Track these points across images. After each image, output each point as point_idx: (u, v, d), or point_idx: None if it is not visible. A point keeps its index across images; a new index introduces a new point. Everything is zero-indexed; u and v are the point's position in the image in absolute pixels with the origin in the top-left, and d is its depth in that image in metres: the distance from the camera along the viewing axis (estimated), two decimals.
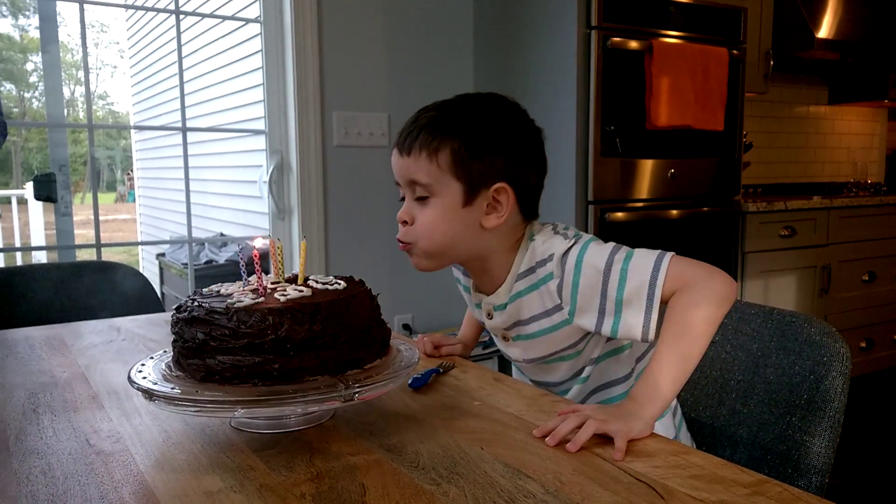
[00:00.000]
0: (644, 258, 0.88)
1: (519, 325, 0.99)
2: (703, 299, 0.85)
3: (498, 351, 2.63)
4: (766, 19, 3.25)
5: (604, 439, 0.75)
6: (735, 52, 2.69)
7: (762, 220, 2.94)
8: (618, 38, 2.41)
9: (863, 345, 3.38)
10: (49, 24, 2.97)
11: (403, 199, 0.97)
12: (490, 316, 1.02)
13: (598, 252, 0.91)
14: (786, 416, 0.95)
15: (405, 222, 0.96)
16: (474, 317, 1.16)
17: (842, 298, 3.27)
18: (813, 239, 3.14)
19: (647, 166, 2.55)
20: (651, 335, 0.87)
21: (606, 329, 0.90)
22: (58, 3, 2.72)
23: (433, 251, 0.95)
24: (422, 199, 0.94)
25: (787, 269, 3.07)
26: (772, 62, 3.27)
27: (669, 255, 0.88)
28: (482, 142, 0.93)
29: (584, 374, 0.99)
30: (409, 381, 0.96)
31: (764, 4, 3.22)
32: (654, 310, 0.87)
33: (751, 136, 3.51)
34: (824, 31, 3.32)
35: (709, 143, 2.69)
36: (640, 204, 2.55)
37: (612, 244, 0.93)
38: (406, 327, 2.78)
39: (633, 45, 2.44)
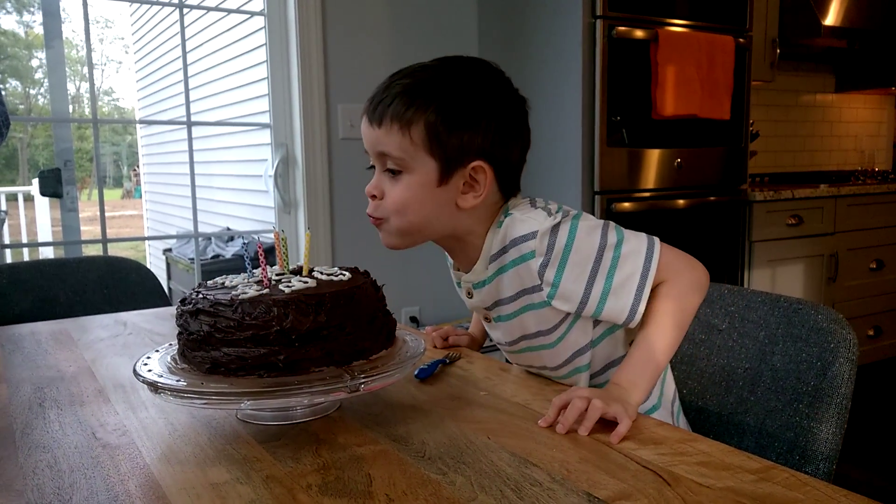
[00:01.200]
0: (635, 244, 0.87)
1: (499, 304, 0.94)
2: (689, 289, 0.87)
3: None
4: (772, 7, 3.23)
5: (607, 426, 0.75)
6: (741, 40, 2.67)
7: (769, 209, 2.93)
8: (623, 28, 2.40)
9: (870, 333, 3.37)
10: (53, 19, 2.97)
11: (372, 167, 0.91)
12: (470, 294, 0.97)
13: (587, 234, 0.86)
14: (793, 403, 0.94)
15: (374, 196, 0.90)
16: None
17: (849, 287, 3.26)
18: (820, 227, 3.13)
19: (654, 156, 2.54)
20: (636, 321, 0.86)
21: (590, 310, 0.87)
22: None
23: (404, 229, 0.89)
24: (393, 173, 0.87)
25: (794, 257, 3.05)
26: (778, 50, 3.25)
27: (657, 242, 0.88)
28: (460, 114, 0.85)
29: (585, 362, 0.98)
30: (416, 372, 0.96)
31: None
32: (643, 298, 0.86)
33: (757, 125, 3.49)
34: (831, 18, 3.29)
35: (715, 132, 2.68)
36: (647, 194, 2.54)
37: (600, 223, 0.88)
38: (413, 320, 2.78)
39: (639, 34, 2.43)
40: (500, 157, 0.88)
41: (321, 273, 0.85)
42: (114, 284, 1.64)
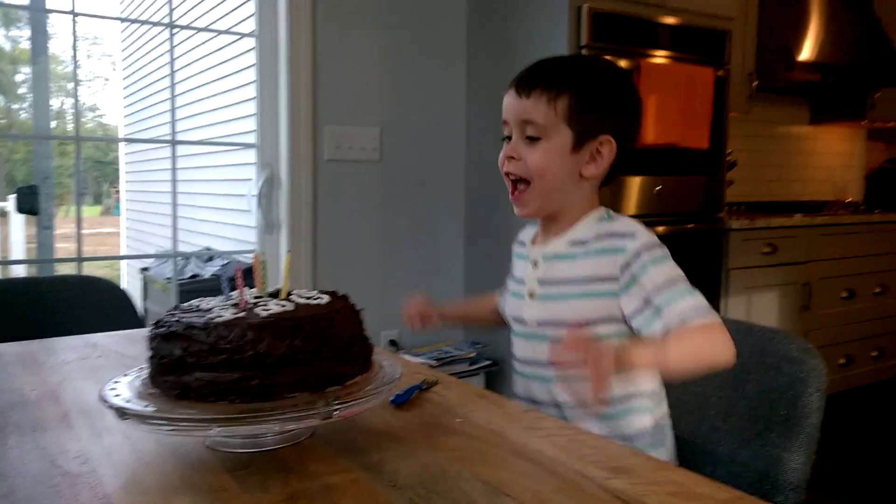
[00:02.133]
0: (698, 299, 0.94)
1: (558, 283, 1.02)
2: (721, 344, 0.90)
3: (484, 367, 2.63)
4: (749, 41, 3.29)
5: (587, 458, 0.75)
6: (720, 72, 2.72)
7: (745, 238, 2.96)
8: (607, 57, 2.42)
9: (842, 361, 3.41)
10: (40, 35, 2.95)
11: (506, 138, 1.04)
12: (536, 265, 1.06)
13: (672, 265, 0.97)
14: (765, 432, 0.95)
15: (511, 158, 1.02)
16: (493, 301, 1.20)
17: (822, 315, 3.29)
18: (794, 256, 3.17)
19: (635, 183, 2.57)
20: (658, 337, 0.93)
21: (639, 321, 0.95)
22: (50, 15, 2.71)
23: (545, 192, 1.01)
24: (532, 140, 1.00)
25: (769, 285, 3.09)
26: (755, 83, 3.31)
27: (715, 315, 0.93)
28: (596, 96, 1.00)
29: None
30: (391, 398, 0.95)
31: (747, 27, 3.27)
32: (675, 333, 0.91)
33: (735, 155, 3.54)
34: (805, 53, 3.36)
35: (694, 161, 2.72)
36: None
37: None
38: (393, 343, 2.77)
39: (622, 64, 2.47)
40: (622, 137, 1.03)
41: (299, 296, 0.84)
42: (86, 305, 1.61)
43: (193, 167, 4.06)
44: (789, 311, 3.18)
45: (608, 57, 2.42)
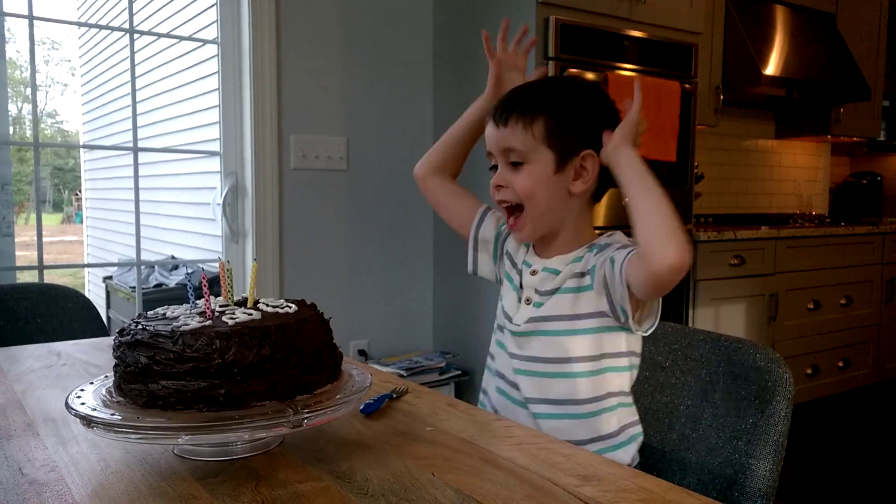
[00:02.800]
0: None
1: (555, 292, 1.05)
2: (682, 237, 0.93)
3: (454, 377, 2.63)
4: (716, 56, 3.36)
5: (557, 466, 0.75)
6: (687, 85, 2.76)
7: (713, 249, 3.01)
8: (574, 70, 2.46)
9: (808, 371, 3.47)
10: None
11: (492, 168, 1.07)
12: (535, 273, 1.08)
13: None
14: (733, 440, 0.96)
15: (500, 186, 1.05)
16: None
17: (789, 326, 3.35)
18: (761, 268, 3.22)
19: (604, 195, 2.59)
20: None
21: (605, 270, 1.00)
22: (6, 18, 2.65)
23: (538, 214, 1.04)
24: (515, 165, 1.04)
25: (737, 297, 3.13)
26: (722, 96, 3.37)
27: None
28: (573, 114, 1.04)
29: (580, 370, 1.01)
30: (361, 407, 0.94)
31: (714, 42, 3.33)
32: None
33: (702, 168, 3.60)
34: (771, 68, 3.44)
35: (662, 173, 2.73)
36: (596, 231, 2.58)
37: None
38: (362, 353, 2.75)
39: (589, 76, 2.49)
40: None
41: (267, 305, 0.84)
42: (49, 313, 1.58)
43: (157, 175, 4.01)
44: (756, 322, 3.23)
45: (575, 70, 2.46)
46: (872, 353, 3.77)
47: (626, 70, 2.62)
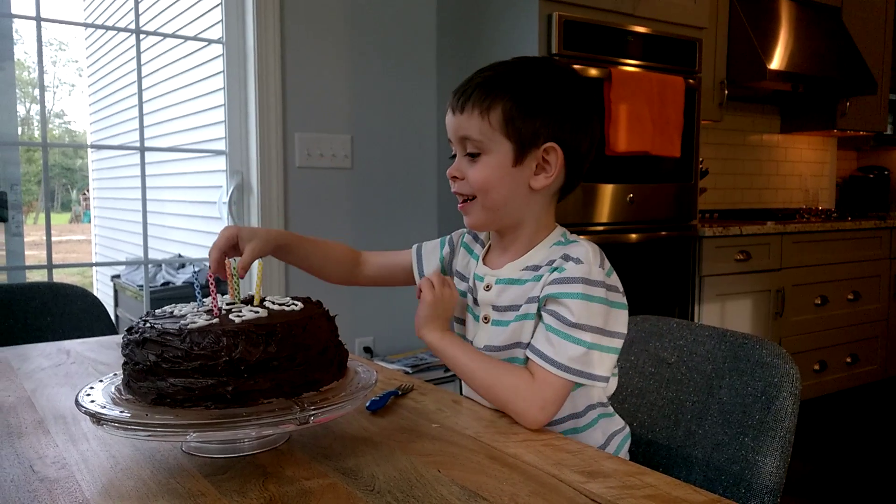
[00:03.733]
0: (582, 356, 0.89)
1: (506, 309, 0.98)
2: (522, 403, 0.89)
3: None
4: (720, 50, 3.35)
5: (563, 462, 0.75)
6: (691, 80, 2.76)
7: (718, 245, 3.00)
8: (578, 66, 2.46)
9: (816, 367, 3.46)
10: (5, 41, 2.91)
11: (452, 157, 1.00)
12: (489, 288, 1.00)
13: (599, 310, 0.90)
14: (739, 436, 0.96)
15: (455, 178, 0.98)
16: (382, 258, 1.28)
17: (795, 322, 3.34)
18: (767, 263, 3.21)
19: (607, 191, 2.59)
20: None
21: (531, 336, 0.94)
22: (14, 20, 2.67)
23: (489, 206, 0.97)
24: (472, 156, 0.96)
25: (742, 292, 3.13)
26: (726, 91, 3.36)
27: (573, 377, 0.89)
28: (533, 102, 0.94)
29: None
30: (367, 404, 0.95)
31: (718, 36, 3.33)
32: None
33: (707, 163, 3.59)
34: (776, 62, 3.42)
35: (666, 169, 2.75)
36: (600, 228, 2.58)
37: (612, 311, 0.92)
38: (367, 350, 2.76)
39: (593, 72, 2.49)
40: (569, 143, 0.96)
41: (273, 303, 0.84)
42: (58, 312, 1.59)
43: (163, 174, 4.02)
44: (763, 317, 3.22)
45: (578, 66, 2.46)
46: (880, 348, 3.76)
47: (631, 66, 2.62)
